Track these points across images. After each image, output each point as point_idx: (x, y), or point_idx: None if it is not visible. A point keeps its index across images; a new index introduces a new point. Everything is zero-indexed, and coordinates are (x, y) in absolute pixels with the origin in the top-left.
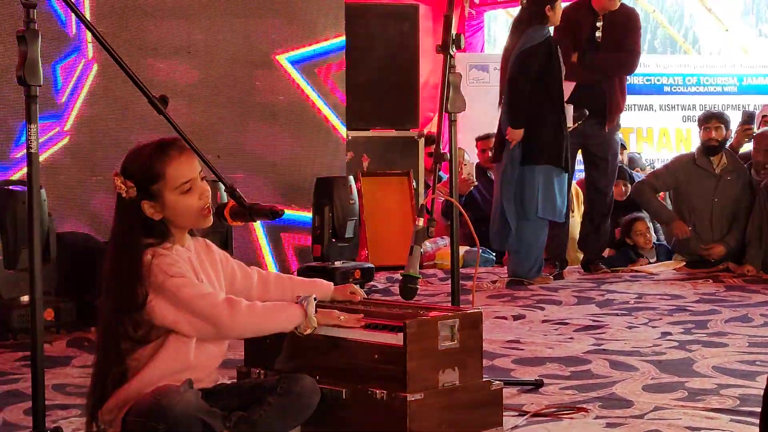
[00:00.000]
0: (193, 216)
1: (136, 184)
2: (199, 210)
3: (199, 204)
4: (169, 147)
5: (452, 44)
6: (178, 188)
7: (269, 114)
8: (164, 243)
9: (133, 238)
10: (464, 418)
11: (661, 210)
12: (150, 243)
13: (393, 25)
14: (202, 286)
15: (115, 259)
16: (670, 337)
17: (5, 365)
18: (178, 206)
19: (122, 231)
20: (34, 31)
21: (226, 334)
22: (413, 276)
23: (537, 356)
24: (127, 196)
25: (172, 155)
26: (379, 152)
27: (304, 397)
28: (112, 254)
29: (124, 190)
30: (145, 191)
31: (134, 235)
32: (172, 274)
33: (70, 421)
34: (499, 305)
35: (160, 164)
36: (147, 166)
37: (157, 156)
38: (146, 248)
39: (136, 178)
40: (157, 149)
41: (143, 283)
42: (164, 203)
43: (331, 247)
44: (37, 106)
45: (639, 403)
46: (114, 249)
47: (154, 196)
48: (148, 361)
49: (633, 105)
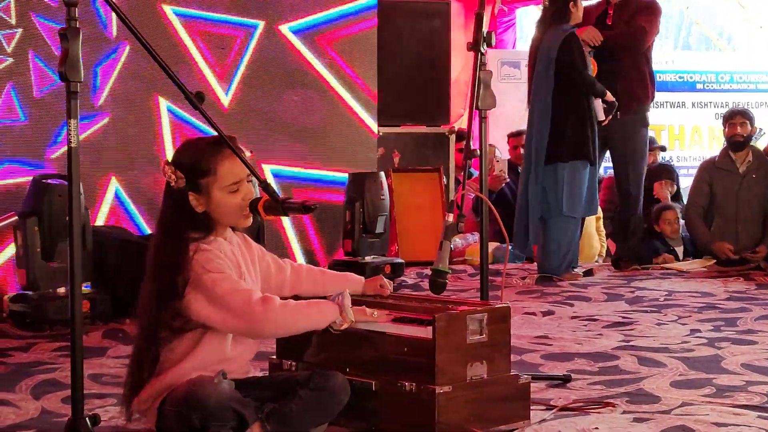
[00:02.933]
0: (235, 215)
1: (186, 175)
2: (241, 210)
3: (243, 205)
4: (223, 145)
5: (483, 42)
6: (227, 187)
7: (301, 110)
8: (208, 236)
9: (178, 227)
10: (492, 411)
11: (705, 235)
12: (195, 237)
13: (424, 22)
14: (238, 283)
15: (160, 247)
16: (699, 334)
17: (43, 355)
18: (222, 203)
19: (168, 219)
20: (75, 29)
21: (260, 331)
22: (442, 271)
23: (565, 352)
24: (175, 185)
25: (226, 154)
26: (410, 148)
27: (335, 395)
28: (157, 241)
29: (173, 180)
30: (193, 183)
31: (179, 224)
32: (209, 269)
33: (105, 410)
34: (529, 301)
35: (213, 160)
36: (199, 160)
37: (210, 152)
38: (191, 241)
39: (186, 169)
40: (211, 145)
41: (185, 273)
42: (210, 198)
43: (361, 242)
44: (78, 102)
45: (666, 399)
46: (159, 236)
47: (201, 190)
48: (184, 354)
49: (665, 102)
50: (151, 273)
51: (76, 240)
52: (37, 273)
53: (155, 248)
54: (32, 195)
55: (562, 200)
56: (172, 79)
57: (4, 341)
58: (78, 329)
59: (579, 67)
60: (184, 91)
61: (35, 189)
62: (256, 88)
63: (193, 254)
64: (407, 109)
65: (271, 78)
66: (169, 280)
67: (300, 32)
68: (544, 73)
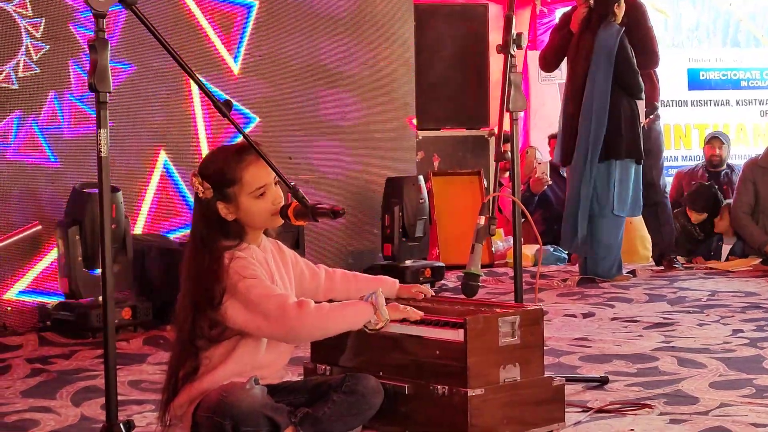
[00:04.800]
0: (265, 219)
1: (213, 186)
2: (271, 214)
3: (272, 209)
4: (246, 152)
5: (513, 44)
6: (253, 192)
7: (339, 114)
8: (241, 243)
9: (210, 238)
10: (526, 413)
11: (757, 235)
12: (228, 246)
13: (462, 25)
14: (273, 288)
15: (194, 258)
16: (742, 334)
17: (84, 362)
18: (251, 210)
19: (200, 230)
20: (103, 40)
21: (296, 335)
22: (474, 273)
23: (604, 353)
24: (203, 196)
25: (250, 160)
26: (450, 152)
27: (368, 397)
28: (191, 253)
29: (201, 191)
30: (221, 193)
31: (212, 234)
32: (245, 275)
33: (144, 415)
34: (569, 303)
35: (237, 168)
36: (224, 170)
37: (234, 160)
38: (225, 250)
39: (212, 180)
40: (235, 154)
41: (221, 283)
42: (238, 206)
43: (401, 246)
44: (107, 112)
45: (705, 400)
46: (193, 248)
47: (229, 199)
48: (221, 361)
49: (708, 100)
50: (187, 284)
51: (108, 248)
52: (79, 281)
53: (189, 259)
54: (73, 204)
55: (613, 199)
56: (200, 87)
57: (48, 349)
58: (111, 336)
59: (635, 68)
60: (212, 100)
61: (76, 198)
62: (295, 91)
63: (229, 262)
64: (446, 112)
65: (306, 79)
66: (206, 290)
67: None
68: (602, 72)
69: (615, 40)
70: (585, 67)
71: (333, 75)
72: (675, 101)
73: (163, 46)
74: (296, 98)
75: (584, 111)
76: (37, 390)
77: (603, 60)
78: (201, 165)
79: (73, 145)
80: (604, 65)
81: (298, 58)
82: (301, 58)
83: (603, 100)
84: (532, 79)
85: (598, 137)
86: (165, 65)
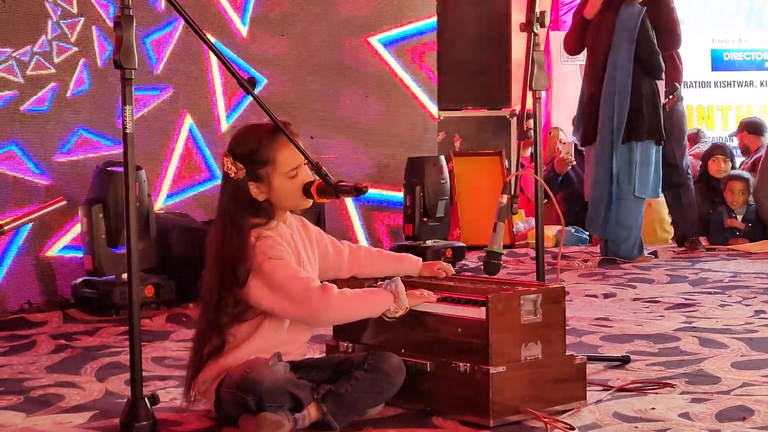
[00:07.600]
0: (297, 199)
1: (245, 166)
2: (302, 194)
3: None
4: (279, 132)
5: (536, 22)
6: (287, 173)
7: (361, 95)
8: (269, 222)
9: (239, 217)
10: (547, 391)
11: None
12: (256, 224)
13: (485, 5)
14: (298, 270)
15: (222, 236)
16: (764, 315)
17: (108, 339)
18: (284, 190)
19: (229, 209)
20: (129, 17)
21: (318, 319)
22: (497, 252)
23: (625, 333)
24: (235, 176)
25: (282, 140)
26: (472, 132)
27: (391, 375)
28: (219, 231)
29: (233, 171)
30: (253, 173)
31: (241, 213)
32: (271, 255)
33: (167, 391)
34: (591, 283)
35: (271, 149)
36: (257, 151)
37: (267, 141)
38: (252, 228)
39: (244, 160)
40: (268, 134)
41: (247, 262)
42: (270, 186)
43: (422, 226)
44: (132, 88)
45: (726, 380)
46: (221, 226)
47: (262, 179)
48: (245, 339)
49: (732, 81)
50: (214, 262)
51: (133, 226)
52: (103, 259)
53: (217, 237)
54: (97, 182)
55: (635, 181)
56: (225, 65)
57: (72, 325)
58: (136, 312)
59: (656, 48)
60: (237, 78)
61: (99, 176)
62: (310, 83)
63: (256, 241)
64: (468, 92)
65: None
66: (232, 269)
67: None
68: (624, 52)
69: (637, 20)
70: (606, 47)
71: (355, 56)
72: (698, 82)
73: (188, 23)
74: (320, 67)
75: (606, 92)
76: (61, 365)
77: (624, 40)
78: (231, 144)
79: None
80: (625, 45)
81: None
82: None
83: (626, 80)
84: (554, 60)
85: (621, 118)
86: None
